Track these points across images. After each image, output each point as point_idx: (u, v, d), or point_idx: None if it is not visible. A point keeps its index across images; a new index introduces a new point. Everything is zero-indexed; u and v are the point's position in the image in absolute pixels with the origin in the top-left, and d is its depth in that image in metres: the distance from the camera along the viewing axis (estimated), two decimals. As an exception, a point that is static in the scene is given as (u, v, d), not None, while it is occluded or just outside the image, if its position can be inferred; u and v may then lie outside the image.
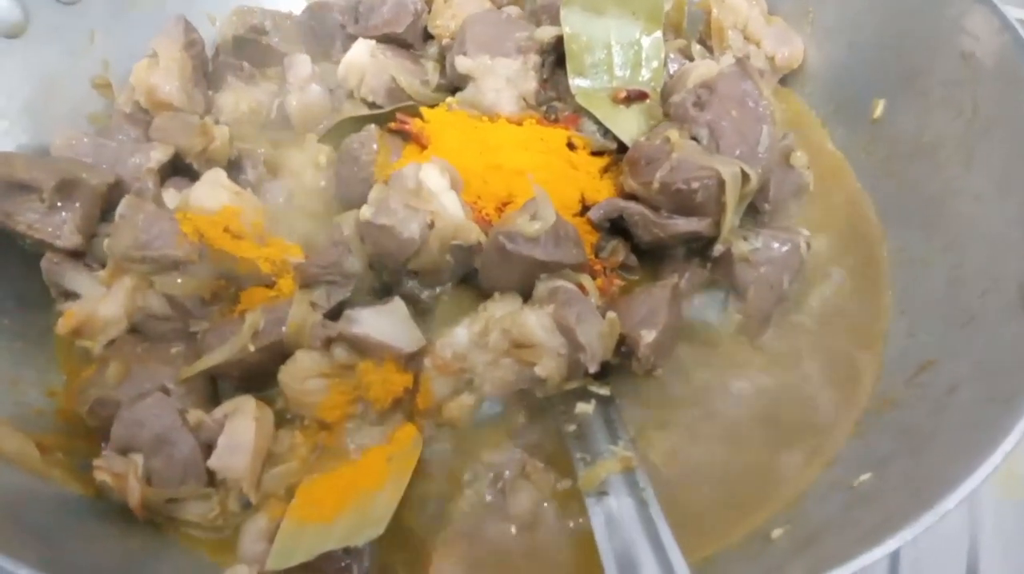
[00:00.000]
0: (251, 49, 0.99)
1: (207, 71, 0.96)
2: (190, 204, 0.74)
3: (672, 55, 0.93)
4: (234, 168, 0.87)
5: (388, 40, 0.97)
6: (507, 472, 0.67)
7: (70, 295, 0.78)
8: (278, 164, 0.88)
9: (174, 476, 0.65)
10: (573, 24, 0.87)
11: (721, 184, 0.74)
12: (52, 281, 0.78)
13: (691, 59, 0.95)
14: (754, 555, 0.61)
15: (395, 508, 0.61)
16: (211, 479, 0.66)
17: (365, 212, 0.69)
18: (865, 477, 0.62)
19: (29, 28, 0.88)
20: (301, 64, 0.93)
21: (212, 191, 0.75)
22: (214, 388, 0.74)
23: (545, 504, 0.67)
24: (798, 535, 0.61)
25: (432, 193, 0.70)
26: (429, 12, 1.00)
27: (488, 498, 0.67)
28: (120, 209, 0.73)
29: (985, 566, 0.73)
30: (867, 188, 0.86)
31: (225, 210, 0.74)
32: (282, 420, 0.71)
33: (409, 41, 0.98)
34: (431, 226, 0.70)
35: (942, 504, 0.49)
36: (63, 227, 0.77)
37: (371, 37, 0.97)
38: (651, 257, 0.80)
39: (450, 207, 0.71)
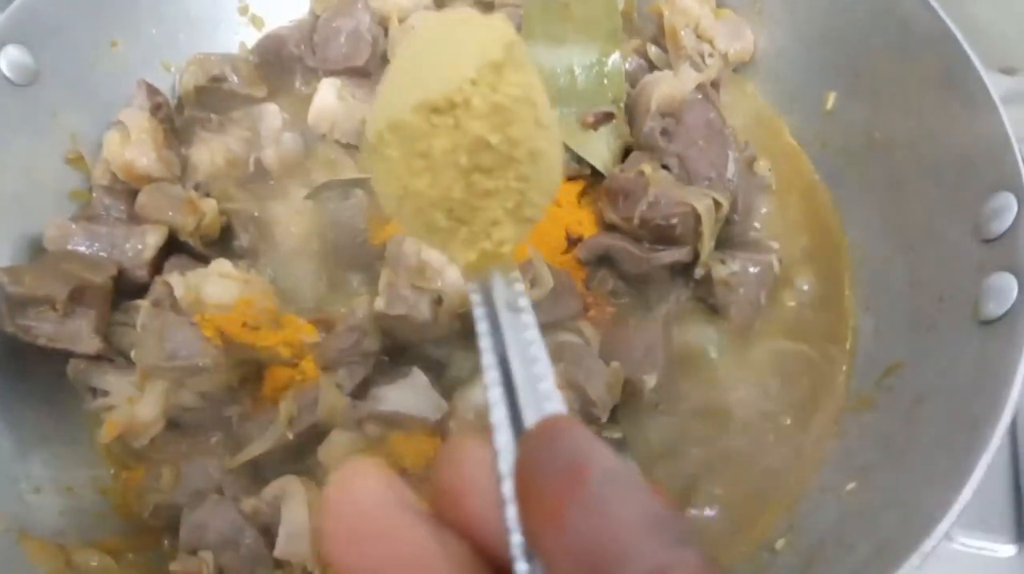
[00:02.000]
0: (214, 97, 0.99)
1: (175, 127, 0.96)
2: (205, 303, 0.77)
3: (629, 58, 0.96)
4: (226, 235, 0.90)
5: (350, 73, 0.98)
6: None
7: (99, 392, 0.82)
8: (267, 222, 0.91)
9: (244, 568, 0.72)
10: (536, 56, 0.89)
11: (697, 217, 0.80)
12: (80, 382, 0.82)
13: (647, 59, 0.98)
14: (763, 570, 0.71)
15: None
16: (277, 561, 0.74)
17: (379, 303, 0.74)
18: (851, 486, 0.71)
19: (-8, 123, 0.87)
20: (271, 116, 0.94)
21: (223, 285, 0.78)
22: (256, 466, 0.80)
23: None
24: (800, 546, 0.70)
25: (435, 271, 0.75)
26: (386, 35, 1.01)
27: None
28: (141, 319, 0.77)
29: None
30: (825, 180, 0.92)
31: (239, 303, 0.78)
32: (326, 490, 0.78)
33: (371, 71, 0.99)
34: (439, 302, 0.75)
35: (926, 542, 0.58)
36: (81, 334, 0.80)
37: (332, 72, 0.98)
38: (637, 279, 0.86)
39: (453, 280, 0.76)
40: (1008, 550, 0.89)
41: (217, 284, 0.78)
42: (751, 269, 0.82)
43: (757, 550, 0.73)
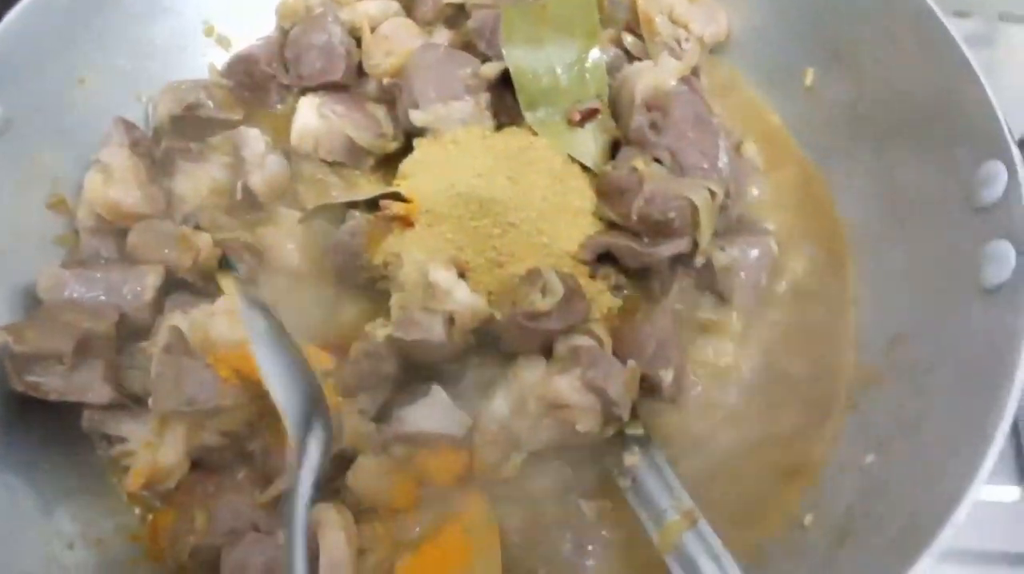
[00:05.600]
0: (190, 125, 0.98)
1: (155, 159, 0.94)
2: (214, 341, 0.77)
3: (606, 49, 0.96)
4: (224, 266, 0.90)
5: (327, 88, 0.97)
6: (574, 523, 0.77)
7: (115, 439, 0.82)
8: (261, 250, 0.90)
9: (287, 604, 0.73)
10: (517, 59, 0.89)
11: (695, 208, 0.80)
12: (95, 432, 0.81)
13: (623, 48, 0.98)
14: (796, 547, 0.73)
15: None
16: (318, 593, 0.74)
17: (394, 330, 0.74)
18: (871, 459, 0.73)
19: (-30, 175, 0.85)
20: (253, 140, 0.93)
21: (230, 322, 0.78)
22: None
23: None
24: (828, 522, 0.73)
25: (445, 291, 0.75)
26: (359, 46, 1.00)
27: (565, 553, 0.77)
28: (155, 367, 0.76)
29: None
30: (812, 156, 0.93)
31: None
32: (358, 513, 0.78)
33: (348, 83, 0.98)
34: (451, 322, 0.76)
35: (957, 512, 0.60)
36: (91, 384, 0.79)
37: (308, 89, 0.97)
38: (639, 273, 0.87)
39: (463, 298, 0.76)
40: (1012, 493, 0.92)
41: (224, 322, 0.78)
42: (751, 253, 0.84)
43: (788, 528, 0.75)
